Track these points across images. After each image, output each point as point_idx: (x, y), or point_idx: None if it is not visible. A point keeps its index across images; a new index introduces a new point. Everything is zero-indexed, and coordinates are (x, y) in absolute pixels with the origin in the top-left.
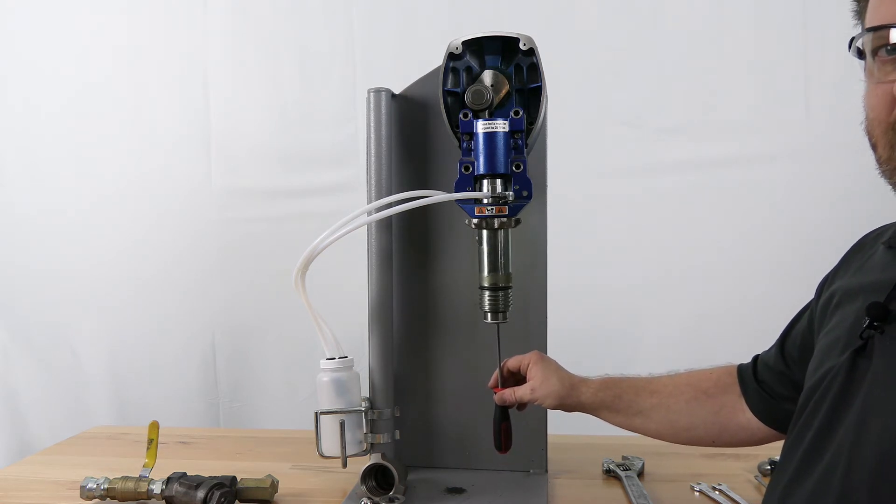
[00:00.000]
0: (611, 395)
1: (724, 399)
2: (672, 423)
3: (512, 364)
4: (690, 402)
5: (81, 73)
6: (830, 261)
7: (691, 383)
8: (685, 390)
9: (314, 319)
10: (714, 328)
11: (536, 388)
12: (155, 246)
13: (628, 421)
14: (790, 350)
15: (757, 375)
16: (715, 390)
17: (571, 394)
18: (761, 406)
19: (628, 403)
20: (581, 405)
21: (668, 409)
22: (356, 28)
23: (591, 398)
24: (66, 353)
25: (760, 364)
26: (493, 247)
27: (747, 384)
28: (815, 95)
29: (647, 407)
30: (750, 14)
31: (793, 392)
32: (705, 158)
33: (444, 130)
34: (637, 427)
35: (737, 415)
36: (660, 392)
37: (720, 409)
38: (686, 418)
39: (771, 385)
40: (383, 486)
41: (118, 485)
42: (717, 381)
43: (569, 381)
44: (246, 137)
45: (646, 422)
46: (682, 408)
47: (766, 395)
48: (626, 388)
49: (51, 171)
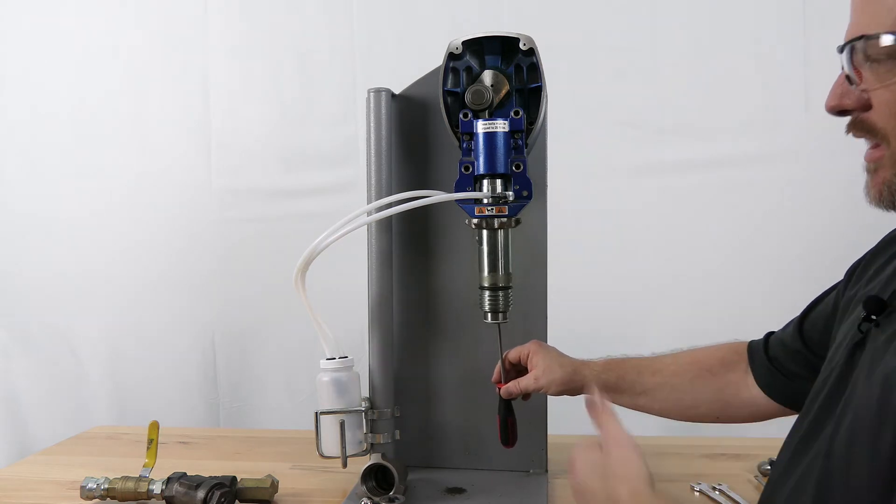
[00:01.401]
0: (614, 377)
1: (729, 377)
2: (677, 401)
3: (512, 356)
4: (694, 380)
5: (82, 73)
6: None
7: (695, 361)
8: (689, 368)
9: (314, 319)
10: (714, 327)
11: (540, 377)
12: (155, 246)
13: (633, 401)
14: (809, 331)
15: (768, 352)
16: (719, 368)
17: (575, 378)
18: (770, 381)
19: (632, 383)
20: (585, 388)
21: (672, 388)
22: (356, 28)
23: (595, 380)
24: (66, 354)
25: (774, 341)
26: (493, 247)
27: (756, 360)
28: (815, 95)
29: (651, 386)
30: (750, 14)
31: (807, 371)
32: (705, 158)
33: (444, 130)
34: (642, 406)
35: (741, 391)
36: (663, 371)
37: (724, 386)
38: (690, 396)
39: (783, 362)
40: (383, 486)
41: (118, 485)
42: (722, 359)
43: (571, 366)
44: (246, 137)
45: (650, 401)
46: (686, 386)
47: (777, 373)
48: (629, 368)
49: (51, 172)
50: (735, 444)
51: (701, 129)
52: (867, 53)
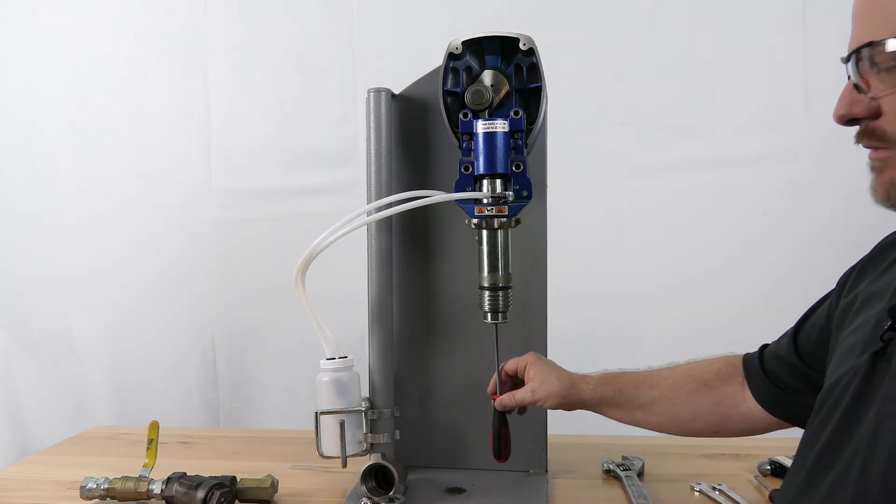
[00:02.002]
0: (611, 391)
1: (726, 390)
2: (674, 415)
3: (509, 367)
4: (692, 394)
5: (82, 73)
6: (831, 261)
7: (692, 375)
8: (686, 382)
9: (314, 319)
10: (714, 328)
11: (536, 390)
12: (155, 246)
13: (630, 415)
14: (804, 343)
15: (764, 365)
16: (716, 382)
17: (571, 392)
18: (767, 396)
19: (629, 398)
20: (582, 402)
21: (669, 402)
22: (356, 28)
23: (592, 395)
24: (66, 354)
25: (768, 354)
26: (492, 247)
27: (752, 374)
28: (815, 95)
29: (648, 400)
30: (750, 14)
31: (802, 384)
32: (705, 158)
33: (444, 130)
34: (639, 421)
35: (738, 405)
36: (660, 385)
37: (722, 399)
38: (688, 410)
39: (779, 376)
40: (383, 486)
41: (118, 485)
42: (719, 372)
43: (568, 380)
44: (246, 137)
45: (647, 415)
46: (683, 400)
47: (773, 386)
48: (625, 382)
49: (51, 172)
50: (735, 444)
51: (701, 129)
52: (874, 60)
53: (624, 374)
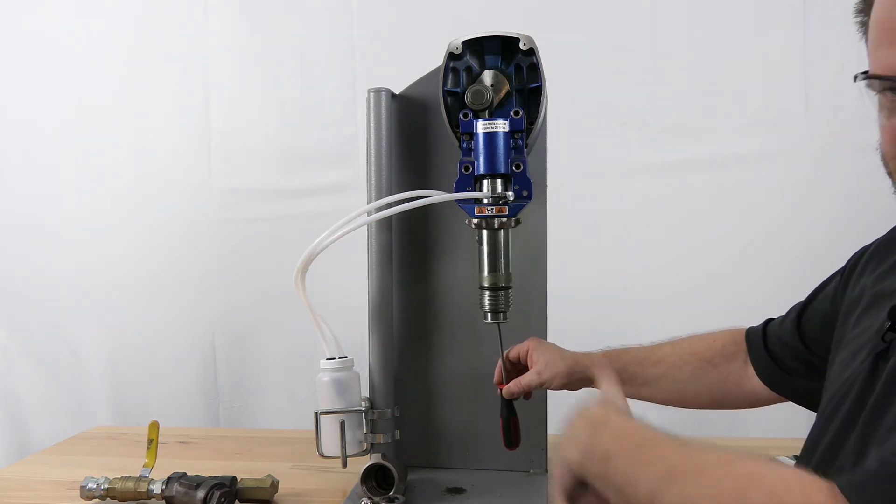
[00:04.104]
0: (616, 367)
1: (730, 367)
2: (679, 391)
3: (512, 354)
4: (695, 371)
5: (82, 73)
6: (831, 260)
7: (695, 352)
8: (689, 360)
9: (314, 319)
10: (714, 327)
11: (542, 371)
12: (155, 246)
13: (635, 391)
14: (807, 328)
15: (767, 344)
16: (719, 360)
17: (576, 370)
18: (770, 376)
19: (634, 374)
20: (587, 380)
21: (673, 379)
22: (356, 28)
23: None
24: (66, 353)
25: (772, 335)
26: (493, 247)
27: (755, 351)
28: (815, 95)
29: (653, 377)
30: (750, 14)
31: (806, 368)
32: (705, 158)
33: (444, 130)
34: (644, 396)
35: (742, 383)
36: (663, 362)
37: (726, 377)
38: (692, 387)
39: (782, 358)
40: (383, 486)
41: (118, 485)
42: (722, 349)
43: (572, 358)
44: (246, 137)
45: (653, 391)
46: (687, 377)
47: (777, 367)
48: (629, 359)
49: (51, 172)
50: (735, 445)
51: (701, 129)
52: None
53: (627, 350)
